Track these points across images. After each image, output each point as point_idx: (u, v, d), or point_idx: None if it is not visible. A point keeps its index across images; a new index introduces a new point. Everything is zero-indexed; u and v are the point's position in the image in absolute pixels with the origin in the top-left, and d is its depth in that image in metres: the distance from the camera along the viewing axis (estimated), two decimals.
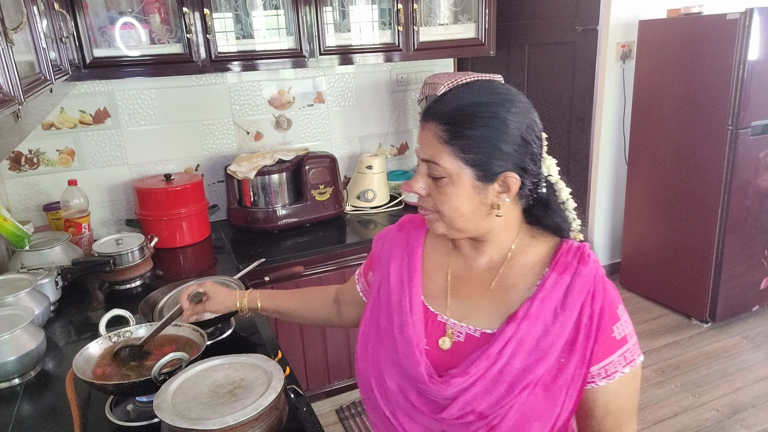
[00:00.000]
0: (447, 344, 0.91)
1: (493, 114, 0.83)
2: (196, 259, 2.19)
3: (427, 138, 0.86)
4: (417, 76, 2.82)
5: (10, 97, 0.84)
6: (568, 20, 3.32)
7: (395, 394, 0.92)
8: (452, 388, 0.85)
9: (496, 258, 0.92)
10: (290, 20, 2.21)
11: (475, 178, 0.84)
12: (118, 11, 2.02)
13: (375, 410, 0.96)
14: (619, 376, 0.85)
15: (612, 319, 0.85)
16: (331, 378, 2.42)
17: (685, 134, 2.94)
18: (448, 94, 0.87)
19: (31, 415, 1.22)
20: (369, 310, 1.01)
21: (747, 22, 2.58)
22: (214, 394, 0.97)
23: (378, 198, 2.61)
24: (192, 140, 2.46)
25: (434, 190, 0.87)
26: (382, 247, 1.05)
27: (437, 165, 0.85)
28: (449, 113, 0.85)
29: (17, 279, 1.57)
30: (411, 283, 0.96)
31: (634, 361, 0.87)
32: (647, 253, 3.30)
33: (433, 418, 0.87)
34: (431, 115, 0.86)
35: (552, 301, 0.84)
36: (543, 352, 0.83)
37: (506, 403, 0.83)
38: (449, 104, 0.85)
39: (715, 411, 2.41)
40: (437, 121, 0.85)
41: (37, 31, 1.16)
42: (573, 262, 0.86)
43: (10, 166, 2.20)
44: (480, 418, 0.84)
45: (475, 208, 0.86)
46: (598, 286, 0.85)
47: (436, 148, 0.85)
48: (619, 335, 0.85)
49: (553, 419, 0.84)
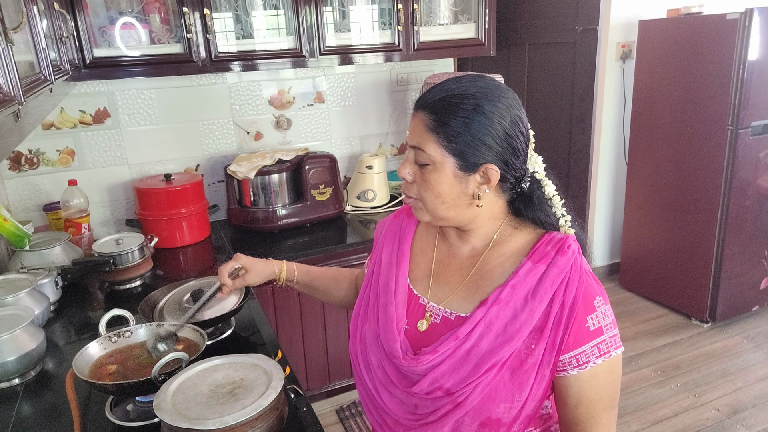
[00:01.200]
0: (424, 326, 0.97)
1: (477, 106, 0.85)
2: (196, 259, 2.19)
3: (415, 125, 0.90)
4: (417, 76, 2.82)
5: (10, 97, 0.84)
6: (568, 20, 3.32)
7: (376, 369, 0.99)
8: (422, 365, 0.90)
9: (478, 246, 0.96)
10: (290, 20, 2.21)
11: (456, 167, 0.87)
12: (118, 11, 2.02)
13: (362, 384, 1.03)
14: (592, 367, 0.86)
15: (587, 309, 0.86)
16: (332, 378, 2.42)
17: (685, 134, 2.94)
18: (438, 85, 0.90)
19: (31, 415, 1.22)
20: (363, 289, 1.09)
21: (747, 22, 2.58)
22: (214, 394, 0.97)
23: (378, 198, 2.61)
24: (192, 140, 2.46)
25: (419, 177, 0.91)
26: (380, 233, 1.13)
27: (423, 152, 0.88)
28: (436, 102, 0.88)
29: (17, 279, 1.57)
30: (399, 266, 1.03)
31: (609, 353, 0.87)
32: (647, 253, 3.30)
33: (406, 391, 0.94)
34: (420, 103, 0.90)
35: (524, 288, 0.88)
36: (510, 336, 0.87)
37: (471, 381, 0.87)
38: (438, 94, 0.88)
39: (716, 411, 2.41)
40: (425, 110, 0.88)
41: (37, 31, 1.16)
42: (551, 252, 0.89)
43: (10, 166, 2.20)
44: (447, 394, 0.89)
45: (456, 197, 0.89)
46: (573, 276, 0.87)
47: (423, 136, 0.88)
48: (593, 326, 0.86)
49: (520, 402, 0.87)
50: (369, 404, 1.03)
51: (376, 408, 1.00)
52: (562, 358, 0.87)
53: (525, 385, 0.86)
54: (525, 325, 0.86)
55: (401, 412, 0.95)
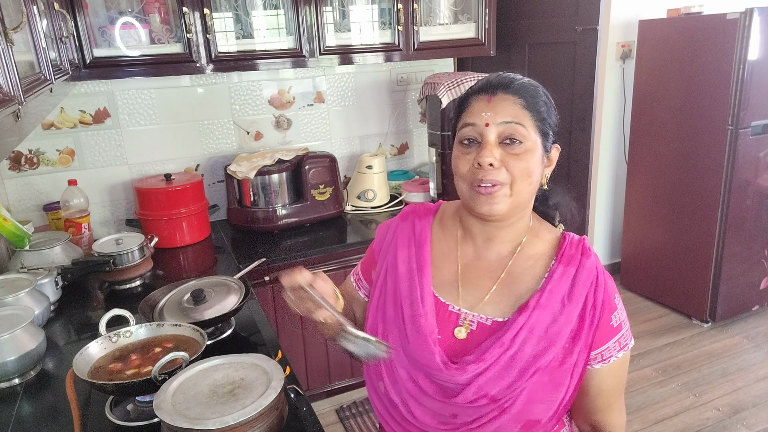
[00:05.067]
0: (462, 334, 0.94)
1: (545, 94, 0.92)
2: (196, 259, 2.19)
3: (504, 106, 0.89)
4: (417, 76, 2.82)
5: (10, 97, 0.84)
6: (568, 20, 3.31)
7: (405, 382, 0.95)
8: (467, 374, 0.89)
9: (505, 249, 0.96)
10: (290, 20, 2.21)
11: (542, 148, 0.90)
12: (118, 11, 2.02)
13: (383, 398, 0.99)
14: (614, 360, 0.92)
15: (611, 308, 0.91)
16: (332, 378, 2.42)
17: (685, 134, 2.94)
18: (497, 75, 0.92)
19: (31, 414, 1.22)
20: (375, 299, 1.02)
21: (747, 22, 2.58)
22: (214, 393, 0.97)
23: (378, 198, 2.61)
24: (192, 140, 2.46)
25: (510, 160, 0.88)
26: (384, 237, 1.07)
27: (522, 127, 0.87)
28: (520, 87, 0.90)
29: (17, 279, 1.57)
30: (421, 273, 0.97)
31: (627, 346, 0.93)
32: (647, 253, 3.30)
33: (444, 402, 0.91)
34: (501, 86, 0.90)
35: (560, 291, 0.90)
36: (551, 339, 0.88)
37: (517, 386, 0.88)
38: (515, 81, 0.90)
39: (716, 410, 2.41)
40: (510, 92, 0.89)
41: (37, 31, 1.16)
42: (576, 254, 0.92)
43: (10, 166, 2.20)
44: (492, 401, 0.89)
45: (538, 179, 0.92)
46: (600, 277, 0.91)
47: (520, 113, 0.88)
48: (615, 323, 0.91)
49: (558, 401, 0.89)
50: (390, 418, 0.99)
51: (400, 421, 0.97)
52: (590, 355, 0.90)
53: (562, 385, 0.89)
54: (564, 328, 0.88)
55: (434, 423, 0.93)
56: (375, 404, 1.02)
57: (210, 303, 1.43)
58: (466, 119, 0.91)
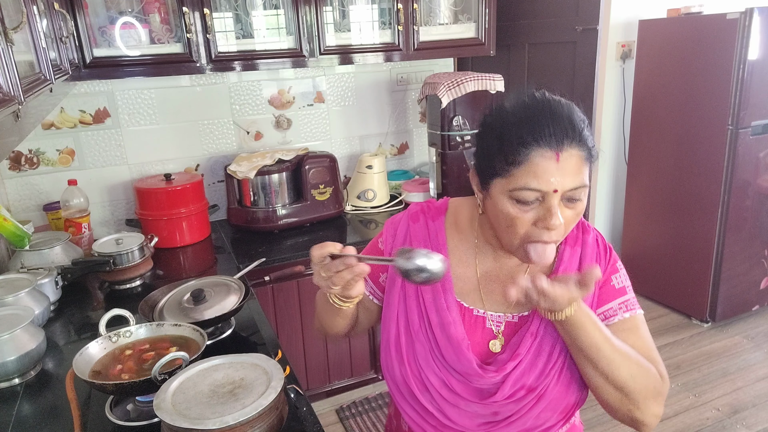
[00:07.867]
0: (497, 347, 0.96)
1: (583, 120, 0.84)
2: (196, 258, 2.19)
3: (572, 165, 0.80)
4: (417, 75, 2.82)
5: (10, 97, 0.84)
6: (568, 20, 3.31)
7: (439, 389, 0.95)
8: (504, 372, 0.91)
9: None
10: (290, 20, 2.21)
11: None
12: (118, 11, 2.02)
13: (413, 406, 0.98)
14: (618, 319, 0.93)
15: (612, 270, 0.96)
16: (332, 378, 2.42)
17: (685, 134, 2.94)
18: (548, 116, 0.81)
19: (31, 414, 1.21)
20: (395, 305, 0.99)
21: (747, 22, 2.58)
22: (214, 393, 0.97)
23: (378, 198, 2.61)
24: (192, 140, 2.46)
25: (566, 213, 0.83)
26: (395, 237, 1.03)
27: (585, 187, 0.83)
28: (581, 131, 0.82)
29: (17, 279, 1.56)
30: (444, 280, 0.96)
31: (634, 310, 0.95)
32: (647, 253, 3.30)
33: (482, 404, 0.93)
34: (568, 138, 0.80)
35: (571, 270, 0.95)
36: None
37: (548, 370, 0.91)
38: (576, 125, 0.82)
39: (716, 410, 2.41)
40: (576, 143, 0.81)
41: (37, 30, 1.16)
42: (578, 233, 0.98)
43: (10, 166, 2.20)
44: (530, 391, 0.92)
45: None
46: (601, 249, 0.97)
47: (584, 170, 0.82)
48: (618, 285, 0.95)
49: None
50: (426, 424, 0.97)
51: (436, 426, 0.97)
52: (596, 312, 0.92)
53: None
54: None
55: (473, 425, 0.94)
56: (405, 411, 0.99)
57: (210, 303, 1.43)
58: (528, 181, 0.79)
